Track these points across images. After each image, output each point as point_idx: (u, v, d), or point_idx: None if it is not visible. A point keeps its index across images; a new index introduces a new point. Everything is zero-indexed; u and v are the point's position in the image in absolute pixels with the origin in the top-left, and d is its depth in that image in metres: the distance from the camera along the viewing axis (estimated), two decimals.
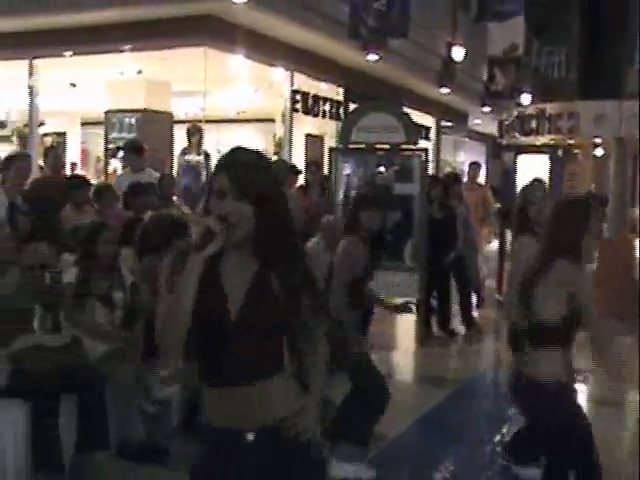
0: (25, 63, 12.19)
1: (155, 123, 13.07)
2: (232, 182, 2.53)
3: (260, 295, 2.57)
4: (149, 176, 9.26)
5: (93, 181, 10.31)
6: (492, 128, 24.13)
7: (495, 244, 13.26)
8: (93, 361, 5.17)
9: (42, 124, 13.86)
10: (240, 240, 2.55)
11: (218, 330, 2.56)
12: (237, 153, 2.66)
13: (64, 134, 17.66)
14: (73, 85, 13.72)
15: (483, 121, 22.81)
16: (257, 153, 2.72)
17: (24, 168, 8.00)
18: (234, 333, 2.55)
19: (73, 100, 14.92)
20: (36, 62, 12.18)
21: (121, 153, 11.45)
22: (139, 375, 5.41)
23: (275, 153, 14.80)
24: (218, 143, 16.71)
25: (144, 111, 13.00)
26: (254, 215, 2.53)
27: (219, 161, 2.63)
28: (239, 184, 2.52)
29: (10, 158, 8.29)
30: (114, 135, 12.88)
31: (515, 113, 22.92)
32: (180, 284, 2.56)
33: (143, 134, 12.89)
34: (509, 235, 9.48)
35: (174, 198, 9.31)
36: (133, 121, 13.08)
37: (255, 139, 17.95)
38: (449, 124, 21.02)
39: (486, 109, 20.75)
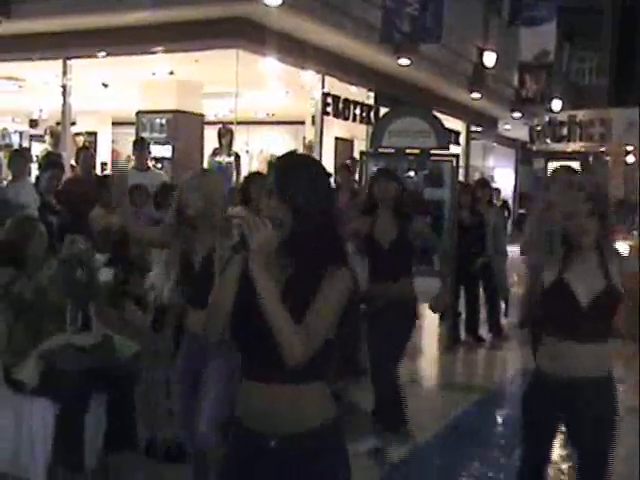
0: (59, 63, 12.27)
1: (186, 124, 13.13)
2: (276, 182, 2.60)
3: (296, 296, 2.55)
4: (154, 176, 9.31)
5: None
6: (522, 134, 24.09)
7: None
8: (123, 360, 5.19)
9: (73, 124, 13.96)
10: (281, 237, 2.55)
11: (256, 327, 2.55)
12: (289, 156, 2.78)
13: (95, 134, 17.78)
14: (105, 85, 13.80)
15: (513, 127, 22.70)
16: (311, 160, 2.83)
17: (58, 172, 8.12)
18: (271, 332, 2.51)
19: (105, 100, 15.01)
20: (70, 62, 12.26)
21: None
22: (168, 376, 5.43)
23: None
24: (248, 145, 16.77)
25: (175, 112, 13.06)
26: (292, 217, 2.55)
27: (272, 162, 2.71)
28: (282, 185, 2.58)
29: (46, 159, 8.40)
30: (145, 135, 12.92)
31: (546, 119, 22.84)
32: (222, 280, 2.65)
33: (174, 135, 12.97)
34: None
35: None
36: (164, 122, 13.15)
37: (285, 141, 17.98)
38: (479, 129, 20.94)
39: (516, 115, 20.65)
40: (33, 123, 17.48)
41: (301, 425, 2.61)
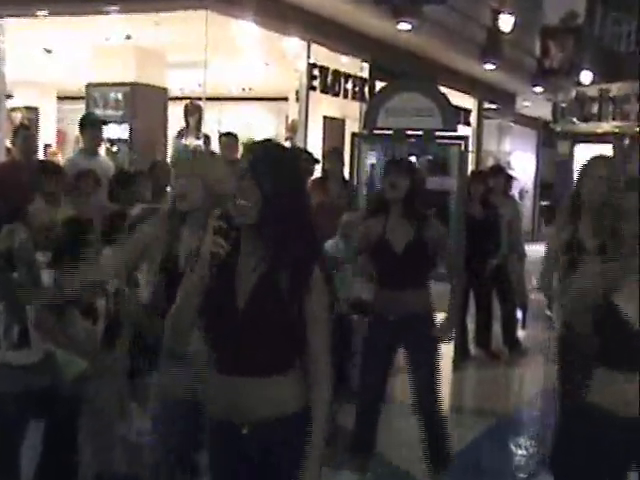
0: None
1: (146, 99, 13.09)
2: (251, 165, 3.08)
3: (268, 289, 3.09)
4: (103, 163, 9.29)
5: None
6: (545, 112, 24.16)
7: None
8: (67, 381, 5.19)
9: (9, 97, 13.89)
10: (251, 220, 3.06)
11: (226, 319, 3.12)
12: (263, 140, 3.37)
13: (36, 109, 17.69)
14: (48, 51, 13.73)
15: (534, 103, 22.76)
16: (284, 147, 3.47)
17: None
18: (241, 324, 3.08)
19: (48, 69, 14.93)
20: (3, 22, 12.19)
21: None
22: (122, 398, 5.44)
23: (288, 138, 14.81)
24: (220, 124, 16.75)
25: (133, 85, 12.99)
26: (266, 200, 3.04)
27: (245, 145, 3.15)
28: (257, 167, 3.06)
29: None
30: (97, 112, 12.88)
31: (573, 94, 22.90)
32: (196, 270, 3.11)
33: (132, 112, 12.92)
34: None
35: (168, 189, 9.33)
36: (120, 96, 13.08)
37: (264, 121, 17.98)
38: (493, 106, 20.99)
39: (538, 89, 20.71)
40: None
41: (267, 414, 3.13)
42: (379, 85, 13.19)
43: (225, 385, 3.15)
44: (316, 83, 13.57)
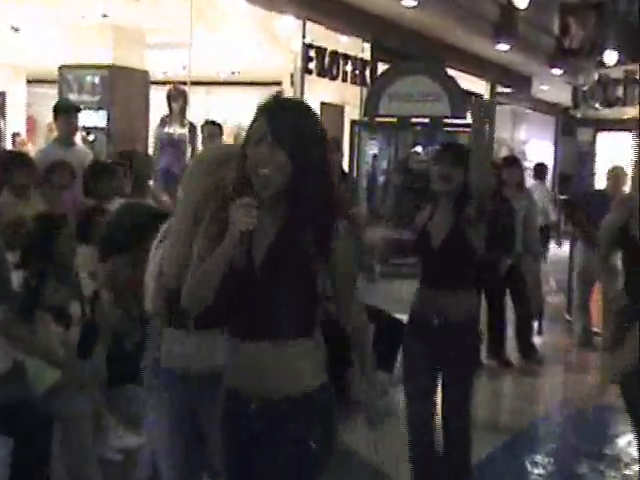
0: None
1: (125, 83, 13.09)
2: (270, 127, 3.06)
3: (285, 250, 3.15)
4: (80, 152, 9.29)
5: None
6: (564, 96, 24.11)
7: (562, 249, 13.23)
8: (39, 393, 5.19)
9: None
10: (274, 190, 3.08)
11: (243, 283, 3.18)
12: (279, 98, 3.30)
13: (3, 94, 17.70)
14: (16, 29, 13.71)
15: (552, 87, 22.76)
16: (302, 102, 3.50)
17: None
18: (257, 286, 3.17)
19: (16, 50, 14.94)
20: None
21: None
22: (100, 413, 5.44)
23: None
24: (207, 112, 16.75)
25: (111, 67, 13.00)
26: (290, 164, 3.05)
27: (259, 105, 3.16)
28: (277, 129, 3.06)
29: None
30: (71, 97, 12.88)
31: (595, 77, 22.88)
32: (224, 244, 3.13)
33: (109, 97, 12.92)
34: None
35: (149, 182, 9.33)
36: (96, 80, 13.08)
37: (255, 107, 17.93)
38: (507, 91, 20.99)
39: (557, 71, 20.70)
40: None
41: (283, 391, 3.24)
42: (381, 68, 13.22)
43: (242, 351, 3.26)
44: (312, 65, 13.57)
